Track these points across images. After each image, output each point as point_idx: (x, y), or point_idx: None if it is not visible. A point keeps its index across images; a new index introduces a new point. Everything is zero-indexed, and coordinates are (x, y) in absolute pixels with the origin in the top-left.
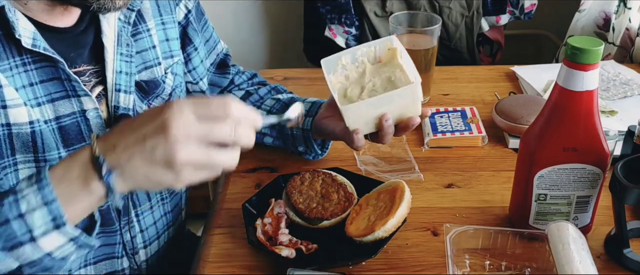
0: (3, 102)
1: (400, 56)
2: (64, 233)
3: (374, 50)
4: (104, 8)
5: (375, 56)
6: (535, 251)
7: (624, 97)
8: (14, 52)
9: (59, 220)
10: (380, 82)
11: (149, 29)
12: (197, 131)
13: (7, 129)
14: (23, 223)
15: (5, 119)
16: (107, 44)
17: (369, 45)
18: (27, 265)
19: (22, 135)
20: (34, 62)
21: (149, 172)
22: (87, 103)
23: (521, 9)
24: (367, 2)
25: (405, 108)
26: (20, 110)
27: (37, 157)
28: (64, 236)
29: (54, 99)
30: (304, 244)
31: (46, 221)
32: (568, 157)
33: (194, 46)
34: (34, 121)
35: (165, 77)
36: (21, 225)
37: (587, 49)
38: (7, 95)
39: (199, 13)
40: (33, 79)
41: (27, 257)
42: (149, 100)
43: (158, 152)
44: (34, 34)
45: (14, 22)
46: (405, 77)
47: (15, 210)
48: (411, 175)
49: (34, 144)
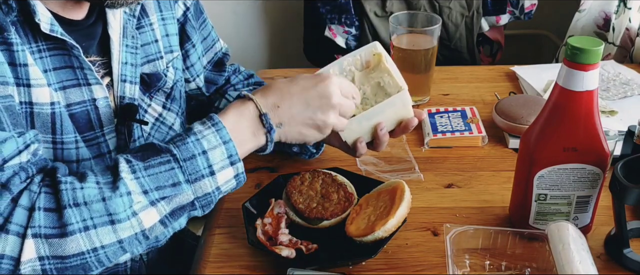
0: (28, 80)
1: (386, 61)
2: (235, 168)
3: (360, 58)
4: (117, 3)
5: (361, 63)
6: (535, 251)
7: (624, 97)
8: (31, 38)
9: (234, 157)
10: (370, 89)
11: (151, 23)
12: (343, 104)
13: (28, 107)
14: (206, 158)
15: (28, 97)
16: (113, 36)
17: (354, 54)
18: (199, 198)
19: (43, 116)
20: (49, 49)
21: (304, 130)
22: (97, 91)
23: (521, 9)
24: (367, 2)
25: (397, 114)
26: (43, 91)
27: (54, 138)
28: (234, 171)
29: (65, 87)
30: (304, 244)
31: (224, 158)
32: (568, 157)
33: (191, 43)
34: (54, 103)
35: (167, 70)
36: (204, 161)
37: (587, 49)
38: (33, 74)
39: (197, 11)
40: (47, 65)
41: (204, 190)
42: (150, 93)
43: (318, 117)
44: (51, 20)
45: (34, 6)
46: (393, 81)
47: (199, 147)
48: (411, 175)
49: (53, 125)
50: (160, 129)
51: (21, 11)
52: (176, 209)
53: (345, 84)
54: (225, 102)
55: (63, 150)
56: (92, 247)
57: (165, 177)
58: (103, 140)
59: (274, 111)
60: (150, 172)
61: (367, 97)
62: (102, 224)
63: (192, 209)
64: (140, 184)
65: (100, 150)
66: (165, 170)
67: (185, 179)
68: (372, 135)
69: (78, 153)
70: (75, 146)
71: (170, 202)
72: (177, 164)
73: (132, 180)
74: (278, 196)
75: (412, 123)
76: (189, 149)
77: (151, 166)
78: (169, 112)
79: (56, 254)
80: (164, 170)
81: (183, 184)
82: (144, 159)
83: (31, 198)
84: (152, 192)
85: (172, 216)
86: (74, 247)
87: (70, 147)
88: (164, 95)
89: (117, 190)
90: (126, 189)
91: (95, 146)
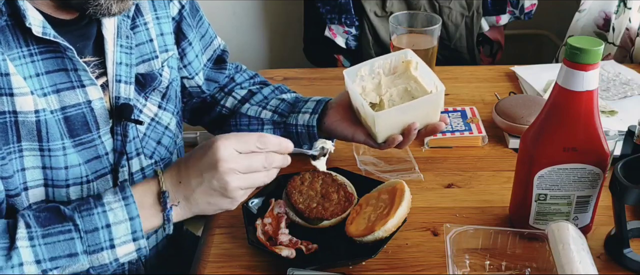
0: (10, 89)
1: (415, 68)
2: (137, 244)
3: (390, 62)
4: (100, 13)
5: (390, 68)
6: (535, 251)
7: (624, 97)
8: (21, 42)
9: (137, 233)
10: (397, 92)
11: (146, 22)
12: (241, 164)
13: (13, 116)
14: (108, 232)
15: (12, 107)
16: (107, 36)
17: (386, 57)
18: (95, 268)
19: (28, 124)
20: (41, 53)
21: (210, 200)
22: (92, 93)
23: (521, 9)
24: (367, 2)
25: (428, 115)
26: (26, 99)
27: (41, 146)
28: (135, 246)
29: (59, 90)
30: (304, 244)
31: (127, 233)
32: (568, 157)
33: (188, 41)
34: (39, 110)
35: (162, 70)
36: (106, 234)
37: (587, 49)
38: (15, 83)
39: (193, 9)
40: (39, 69)
41: (101, 261)
42: (145, 92)
43: (214, 184)
44: (43, 23)
45: (25, 10)
46: (421, 88)
47: (104, 220)
48: (411, 175)
49: (38, 132)
50: (156, 128)
51: (12, 15)
52: None
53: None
54: (232, 100)
55: (51, 158)
56: None
57: (62, 247)
58: (100, 142)
59: (177, 187)
60: (48, 241)
61: (394, 100)
62: None
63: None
64: (34, 253)
65: (97, 152)
66: (64, 240)
67: (83, 250)
68: (402, 132)
69: (66, 159)
70: (63, 153)
71: (63, 271)
72: (78, 234)
73: (27, 248)
74: (278, 196)
75: (440, 127)
76: (93, 221)
77: (50, 234)
78: (165, 112)
79: None
80: (62, 239)
81: (80, 255)
82: (44, 225)
83: None
84: (46, 262)
85: None
86: None
87: (58, 153)
88: (159, 95)
89: (10, 260)
90: (19, 260)
91: (92, 148)
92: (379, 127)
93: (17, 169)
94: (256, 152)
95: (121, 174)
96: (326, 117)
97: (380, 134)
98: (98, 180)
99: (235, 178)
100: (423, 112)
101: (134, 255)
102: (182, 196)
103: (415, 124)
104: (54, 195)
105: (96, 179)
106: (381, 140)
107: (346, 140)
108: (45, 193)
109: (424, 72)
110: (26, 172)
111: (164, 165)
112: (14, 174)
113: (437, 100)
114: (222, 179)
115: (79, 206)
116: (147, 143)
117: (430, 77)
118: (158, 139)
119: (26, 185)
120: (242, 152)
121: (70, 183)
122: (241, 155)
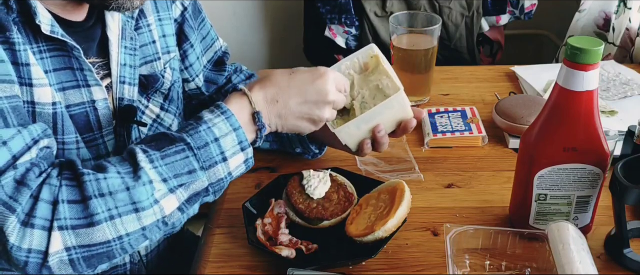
0: (30, 79)
1: (383, 62)
2: (245, 153)
3: (358, 60)
4: (123, 7)
5: (360, 66)
6: (535, 251)
7: (624, 97)
8: (31, 39)
9: (244, 143)
10: (368, 92)
11: (149, 24)
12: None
13: (31, 107)
14: (218, 145)
15: (30, 97)
16: (112, 37)
17: (352, 57)
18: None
19: (44, 115)
20: (49, 50)
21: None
22: (96, 93)
23: (521, 9)
24: (367, 2)
25: (396, 115)
26: (45, 90)
27: (56, 138)
28: (244, 156)
29: (65, 88)
30: (304, 244)
31: (235, 144)
32: (568, 157)
33: (190, 43)
34: (56, 103)
35: (164, 71)
36: (217, 148)
37: (587, 49)
38: (35, 74)
39: (195, 11)
40: (47, 66)
41: (217, 175)
42: (148, 94)
43: (315, 112)
44: (51, 21)
45: (35, 7)
46: (392, 83)
47: (211, 135)
48: (411, 175)
49: (54, 124)
50: (158, 130)
51: (21, 12)
52: (192, 195)
53: (339, 77)
54: None
55: (64, 150)
56: (118, 235)
57: (181, 165)
58: (102, 142)
59: (273, 105)
60: (167, 161)
61: (366, 101)
62: (127, 212)
63: (206, 195)
64: (159, 173)
65: (99, 151)
66: (181, 159)
67: (200, 166)
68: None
69: (79, 153)
70: (76, 146)
71: (187, 189)
72: (192, 152)
73: (151, 169)
74: (278, 196)
75: (412, 124)
76: (201, 137)
77: (167, 155)
78: (167, 113)
79: (83, 243)
80: (179, 159)
81: (198, 171)
82: (159, 148)
83: (53, 192)
84: (171, 179)
85: (189, 202)
86: (100, 236)
87: (71, 147)
88: (161, 96)
89: (139, 179)
90: (148, 178)
91: (94, 148)
92: (344, 140)
93: None
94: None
95: None
96: None
97: (349, 144)
98: None
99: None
100: (388, 115)
101: (243, 168)
102: (275, 114)
103: (378, 127)
104: None
105: None
106: (354, 150)
107: (332, 147)
108: None
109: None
110: None
111: None
112: None
113: (398, 101)
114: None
115: (185, 128)
116: None
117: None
118: None
119: None
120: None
121: None
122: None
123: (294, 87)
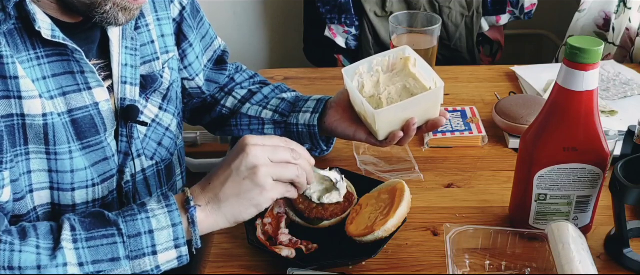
0: (19, 92)
1: (413, 65)
2: (178, 251)
3: (388, 59)
4: (106, 22)
5: (388, 65)
6: (535, 251)
7: (624, 97)
8: (28, 45)
9: (179, 240)
10: (395, 90)
11: (147, 24)
12: (268, 150)
13: (21, 119)
14: (151, 238)
15: (20, 110)
16: (113, 38)
17: (384, 55)
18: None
19: (35, 127)
20: (48, 56)
21: (240, 191)
22: (99, 95)
23: (521, 9)
24: (367, 2)
25: (428, 111)
26: (34, 102)
27: (48, 149)
28: (177, 253)
29: (66, 93)
30: (304, 244)
31: (169, 239)
32: (568, 157)
33: (189, 42)
34: (47, 114)
35: (163, 71)
36: (149, 240)
37: (587, 49)
38: (23, 86)
39: (194, 10)
40: (46, 72)
41: (143, 267)
42: (146, 94)
43: (242, 171)
44: (51, 26)
45: (34, 14)
46: (419, 85)
47: (147, 226)
48: (411, 175)
49: (46, 136)
50: (156, 130)
51: (20, 18)
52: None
53: (269, 139)
54: (232, 100)
55: (57, 161)
56: None
57: (105, 251)
58: (107, 144)
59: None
60: (92, 244)
61: (392, 98)
62: None
63: None
64: (78, 255)
65: (105, 154)
66: (107, 244)
67: (126, 255)
68: (402, 129)
69: (72, 163)
70: (69, 156)
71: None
72: (121, 239)
73: (71, 251)
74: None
75: (441, 122)
76: (136, 226)
77: (94, 237)
78: (166, 113)
79: None
80: (105, 244)
81: (122, 260)
82: (89, 229)
83: None
84: (88, 265)
85: None
86: None
87: (64, 157)
88: (160, 96)
89: (55, 259)
90: (63, 260)
91: (100, 150)
92: (379, 124)
93: (23, 171)
94: (283, 147)
95: (125, 175)
96: (326, 116)
97: (381, 132)
98: (104, 183)
99: (263, 162)
100: (423, 108)
101: (175, 263)
102: (211, 195)
103: (413, 120)
104: (59, 198)
105: (102, 182)
106: (382, 138)
107: (347, 139)
108: (51, 196)
109: (423, 68)
110: (32, 174)
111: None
112: (20, 176)
113: (437, 96)
114: (250, 162)
115: (124, 212)
116: (147, 144)
117: (429, 74)
118: (159, 140)
119: (31, 188)
120: (268, 145)
121: (75, 187)
122: (267, 147)
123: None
